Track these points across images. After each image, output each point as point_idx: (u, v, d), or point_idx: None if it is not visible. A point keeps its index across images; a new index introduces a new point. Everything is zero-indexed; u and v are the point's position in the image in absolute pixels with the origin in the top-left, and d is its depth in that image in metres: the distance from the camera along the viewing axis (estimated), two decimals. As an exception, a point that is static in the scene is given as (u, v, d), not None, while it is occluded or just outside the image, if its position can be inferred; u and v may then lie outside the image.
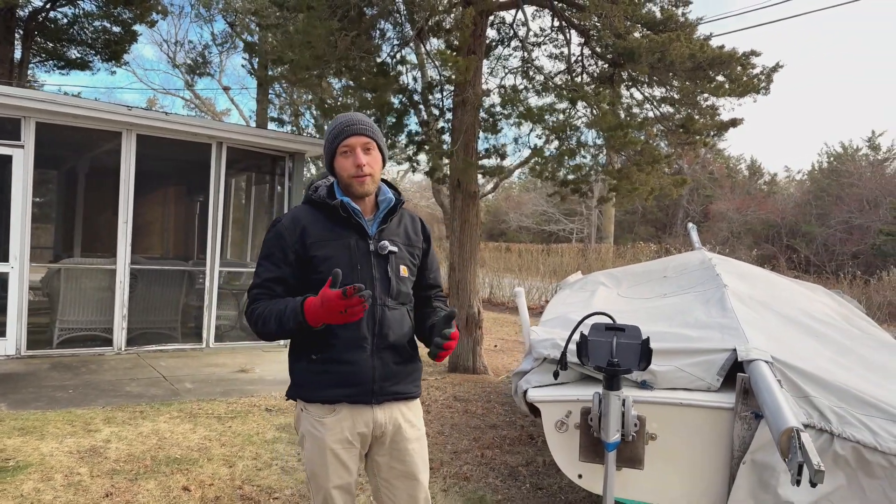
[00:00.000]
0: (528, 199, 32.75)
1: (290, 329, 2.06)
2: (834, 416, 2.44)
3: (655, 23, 7.79)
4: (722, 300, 3.60)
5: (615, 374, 2.28)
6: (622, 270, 5.95)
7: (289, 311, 2.04)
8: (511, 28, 9.06)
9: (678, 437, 2.60)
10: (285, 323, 2.05)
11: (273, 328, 2.10)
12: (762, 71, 7.16)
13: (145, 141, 7.81)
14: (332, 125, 2.27)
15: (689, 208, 32.67)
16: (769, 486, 2.43)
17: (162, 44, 27.48)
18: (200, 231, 9.29)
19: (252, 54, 12.88)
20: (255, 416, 5.56)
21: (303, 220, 2.21)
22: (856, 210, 26.79)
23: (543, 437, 5.28)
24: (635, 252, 16.35)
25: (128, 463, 4.30)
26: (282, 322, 2.06)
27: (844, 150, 31.55)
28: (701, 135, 8.40)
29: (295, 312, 2.02)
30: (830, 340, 3.37)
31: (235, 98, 25.74)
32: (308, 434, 2.20)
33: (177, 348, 8.23)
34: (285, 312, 2.05)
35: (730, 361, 2.69)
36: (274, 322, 2.08)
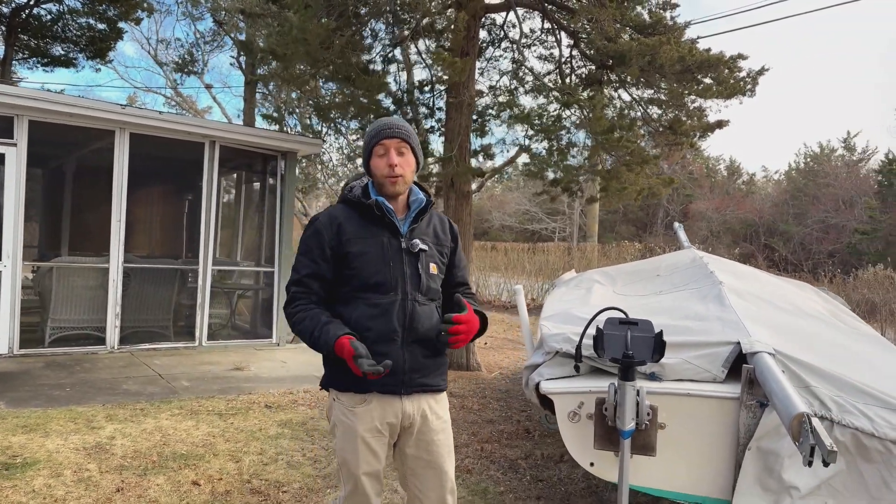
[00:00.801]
0: (511, 199, 32.94)
1: (320, 351, 2.27)
2: (834, 405, 2.58)
3: (644, 26, 7.96)
4: (720, 296, 3.74)
5: (630, 366, 2.39)
6: (615, 269, 6.10)
7: (321, 342, 2.20)
8: (502, 29, 9.19)
9: (686, 426, 2.73)
10: (318, 347, 2.24)
11: (308, 342, 2.27)
12: (748, 74, 7.35)
13: (138, 139, 7.81)
14: (371, 127, 2.39)
15: (669, 208, 33.08)
16: (774, 471, 2.57)
17: (144, 41, 27.27)
18: (192, 230, 9.30)
19: (242, 52, 12.85)
20: (256, 413, 5.61)
21: (339, 217, 2.32)
22: (832, 209, 27.35)
23: (541, 432, 5.43)
24: (620, 251, 16.58)
25: (135, 459, 4.35)
26: (316, 344, 2.24)
27: (821, 150, 32.16)
28: (688, 136, 8.58)
29: (328, 348, 2.19)
30: (823, 334, 3.52)
31: (218, 96, 25.66)
32: (340, 422, 2.30)
33: (170, 347, 8.23)
34: (319, 339, 2.21)
35: (734, 353, 2.82)
36: (308, 339, 2.26)
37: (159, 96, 26.03)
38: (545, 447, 5.07)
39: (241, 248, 10.43)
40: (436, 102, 9.06)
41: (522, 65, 8.70)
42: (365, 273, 2.26)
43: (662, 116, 8.65)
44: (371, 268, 2.26)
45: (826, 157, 31.71)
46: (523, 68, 8.86)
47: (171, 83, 23.07)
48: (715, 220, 30.66)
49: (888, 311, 10.07)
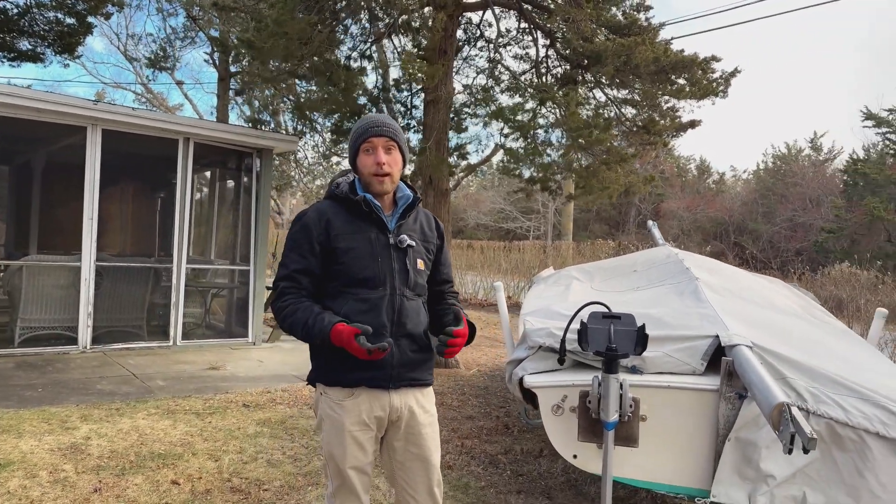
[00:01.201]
0: (485, 197, 33.06)
1: (314, 343, 2.27)
2: (809, 396, 2.65)
3: (619, 27, 8.06)
4: (696, 291, 3.81)
5: (614, 359, 2.44)
6: (592, 265, 6.17)
7: (316, 330, 2.19)
8: (478, 28, 9.23)
9: (667, 417, 2.78)
10: (312, 338, 2.23)
11: (299, 334, 2.26)
12: (721, 75, 7.49)
13: (111, 136, 7.68)
14: (358, 124, 2.39)
15: (641, 207, 33.49)
16: (752, 460, 2.63)
17: (113, 37, 26.80)
18: (166, 228, 9.18)
19: (216, 48, 12.67)
20: (234, 412, 5.57)
21: (327, 213, 2.32)
22: (799, 208, 27.95)
23: (520, 427, 5.48)
24: (595, 249, 16.75)
25: (112, 459, 4.29)
26: (309, 335, 2.23)
27: (788, 150, 32.80)
28: (661, 136, 8.71)
29: (323, 336, 2.18)
30: (796, 328, 3.61)
31: (189, 93, 25.31)
32: (327, 416, 2.31)
33: (143, 346, 8.12)
34: (313, 328, 2.20)
35: (713, 347, 2.89)
36: (301, 330, 2.24)
37: (129, 93, 25.60)
38: (524, 442, 5.11)
39: (216, 246, 10.32)
40: (413, 100, 9.07)
41: (499, 63, 8.75)
42: (353, 269, 2.27)
43: (637, 116, 8.77)
44: (359, 263, 2.27)
45: (793, 157, 32.37)
46: (499, 67, 8.91)
47: (141, 79, 22.75)
48: (686, 219, 31.13)
49: (855, 306, 10.33)
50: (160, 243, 9.84)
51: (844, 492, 2.58)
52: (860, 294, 10.97)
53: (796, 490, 2.62)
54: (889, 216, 23.42)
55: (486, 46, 9.24)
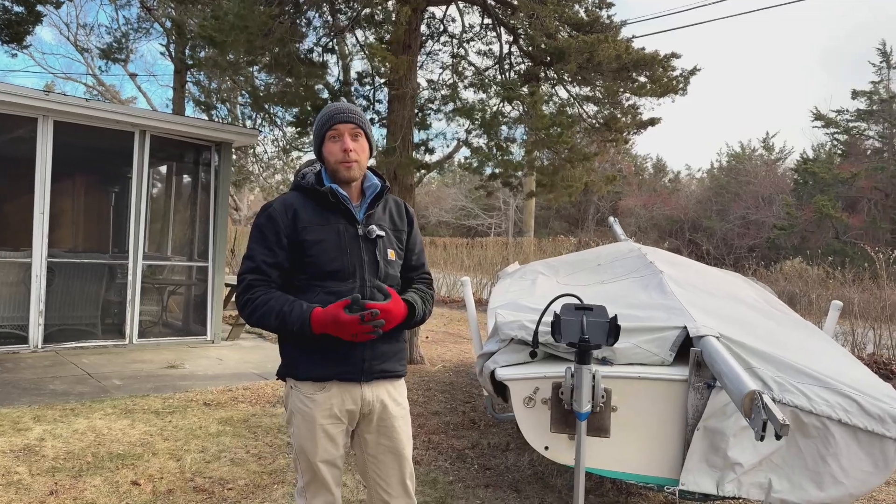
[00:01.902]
0: (447, 195, 33.07)
1: (290, 331, 2.15)
2: (775, 385, 2.71)
3: (581, 24, 8.11)
4: (661, 284, 3.86)
5: (587, 350, 2.44)
6: (557, 260, 6.20)
7: (294, 315, 2.11)
8: (441, 23, 9.19)
9: (637, 408, 2.81)
10: (289, 325, 2.13)
11: (273, 324, 2.16)
12: (681, 73, 7.61)
13: (63, 128, 7.43)
14: (322, 112, 2.33)
15: (599, 205, 33.95)
16: (720, 449, 2.68)
17: (63, 27, 25.95)
18: (121, 223, 8.92)
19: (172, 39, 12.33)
20: (195, 411, 5.44)
21: (294, 204, 2.26)
22: (752, 206, 28.71)
23: (486, 422, 5.48)
24: (556, 245, 16.90)
25: (68, 460, 4.15)
26: (284, 323, 2.13)
27: (742, 149, 33.66)
28: (622, 133, 8.82)
29: (302, 321, 2.10)
30: (758, 319, 3.69)
31: (143, 86, 24.63)
32: (297, 411, 2.25)
33: (98, 345, 7.89)
34: (290, 315, 2.12)
35: (681, 338, 2.93)
36: (275, 319, 2.15)
37: (80, 85, 24.83)
38: (491, 437, 5.12)
39: (173, 242, 10.07)
40: (376, 95, 8.99)
41: (463, 59, 8.73)
42: (322, 261, 2.21)
43: (598, 114, 8.85)
44: (328, 255, 2.21)
45: (746, 157, 33.24)
46: (463, 63, 8.89)
47: (93, 71, 22.05)
48: (643, 217, 31.69)
49: (807, 300, 10.65)
50: (115, 239, 9.56)
51: (808, 477, 2.64)
52: (811, 289, 11.30)
53: (762, 477, 2.68)
54: (837, 214, 24.25)
55: (450, 42, 9.21)
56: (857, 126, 28.74)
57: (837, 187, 25.95)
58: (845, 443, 2.62)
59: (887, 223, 24.90)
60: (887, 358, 8.98)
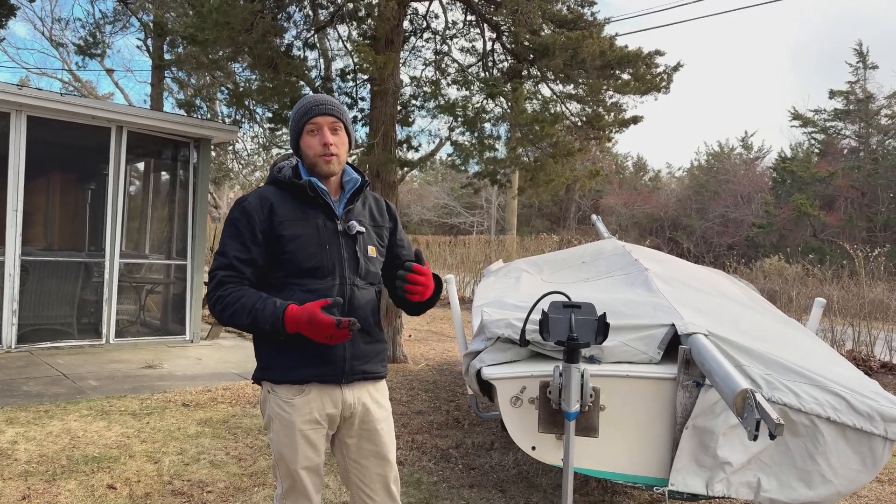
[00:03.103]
0: (430, 193, 33.00)
1: (262, 329, 2.04)
2: (764, 383, 2.68)
3: (565, 21, 8.09)
4: (647, 282, 3.83)
5: (575, 348, 2.40)
6: (541, 258, 6.17)
7: (267, 313, 2.01)
8: (424, 19, 9.12)
9: (625, 407, 2.77)
10: (261, 323, 2.02)
11: (244, 322, 2.05)
12: (664, 70, 7.61)
13: (37, 123, 7.26)
14: (300, 104, 2.24)
15: (581, 203, 34.09)
16: (709, 448, 2.65)
17: (37, 21, 25.48)
18: (97, 221, 8.75)
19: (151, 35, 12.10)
20: (173, 412, 5.34)
21: (270, 198, 2.17)
22: (731, 205, 28.97)
23: (471, 421, 5.43)
24: (539, 243, 16.90)
25: (41, 464, 4.03)
26: (256, 321, 2.02)
27: (721, 149, 33.96)
28: (605, 131, 8.81)
29: (275, 318, 2.00)
30: (745, 316, 3.68)
31: (120, 82, 24.24)
32: (276, 416, 2.17)
33: (74, 345, 7.72)
34: (263, 312, 2.01)
35: (669, 335, 2.89)
36: (247, 317, 2.04)
37: (55, 80, 24.35)
38: (475, 436, 5.07)
39: (151, 240, 9.90)
40: (359, 91, 8.90)
41: (446, 55, 8.67)
42: (299, 257, 2.12)
43: (582, 111, 8.83)
44: (306, 251, 2.13)
45: (726, 156, 33.54)
46: (447, 59, 8.83)
47: (68, 66, 21.67)
48: (623, 215, 31.87)
49: (787, 298, 10.74)
50: (91, 237, 9.37)
51: (797, 476, 2.62)
52: (791, 286, 11.40)
53: (751, 476, 2.65)
54: (814, 212, 24.54)
55: (433, 38, 9.14)
56: (834, 125, 29.14)
57: (815, 186, 26.28)
58: (834, 441, 2.60)
59: (863, 221, 25.28)
60: (866, 354, 9.08)
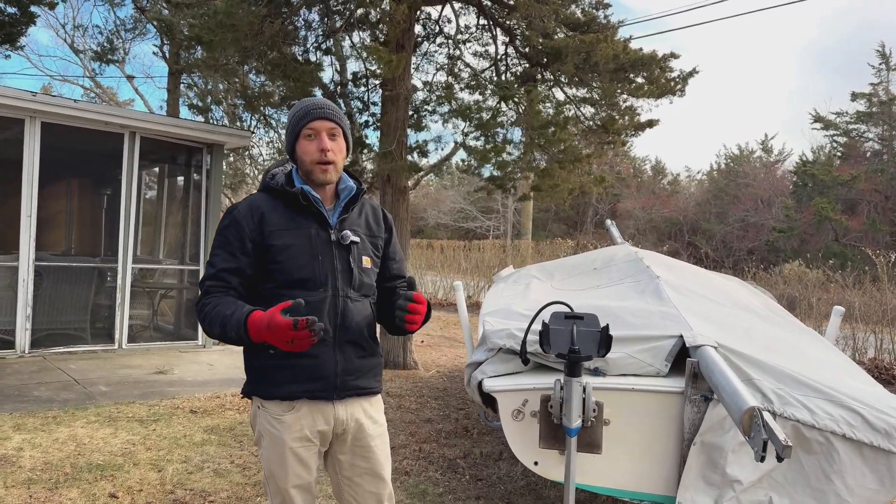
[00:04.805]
0: (445, 197, 32.94)
1: (231, 338, 1.96)
2: (775, 397, 2.58)
3: (578, 24, 8.00)
4: (657, 290, 3.73)
5: (577, 361, 2.31)
6: (552, 264, 6.08)
7: (234, 320, 1.92)
8: (437, 24, 9.08)
9: (631, 421, 2.68)
10: (228, 331, 1.94)
11: (217, 332, 1.99)
12: (679, 74, 7.49)
13: (51, 129, 7.31)
14: (297, 107, 2.17)
15: (598, 207, 33.83)
16: (718, 465, 2.55)
17: (59, 28, 25.80)
18: (111, 226, 8.80)
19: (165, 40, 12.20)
20: (180, 419, 5.31)
21: (261, 206, 2.10)
22: (751, 209, 28.57)
23: (480, 430, 5.35)
24: (553, 248, 16.76)
25: (45, 472, 4.02)
26: (225, 329, 1.95)
27: (740, 152, 33.55)
28: (620, 135, 8.70)
29: (238, 325, 1.91)
30: (758, 326, 3.56)
31: (140, 88, 24.48)
32: (266, 433, 2.11)
33: (87, 350, 7.75)
34: (230, 320, 1.93)
35: (677, 347, 2.80)
36: (218, 327, 1.97)
37: (77, 87, 24.64)
38: (484, 445, 4.99)
39: (164, 245, 9.95)
40: (370, 97, 8.87)
41: (459, 60, 8.62)
42: (290, 268, 2.06)
43: (595, 115, 8.73)
44: (297, 262, 2.06)
45: (745, 159, 33.12)
46: (459, 64, 8.78)
47: (89, 73, 21.92)
48: (641, 219, 31.57)
49: (807, 304, 10.52)
50: (105, 242, 9.43)
51: (811, 495, 2.51)
52: (811, 292, 11.18)
53: (762, 495, 2.55)
54: (836, 216, 24.13)
55: (446, 43, 9.10)
56: (856, 128, 28.65)
57: (837, 189, 25.84)
58: (850, 459, 2.49)
59: (887, 226, 24.79)
60: (888, 363, 8.86)
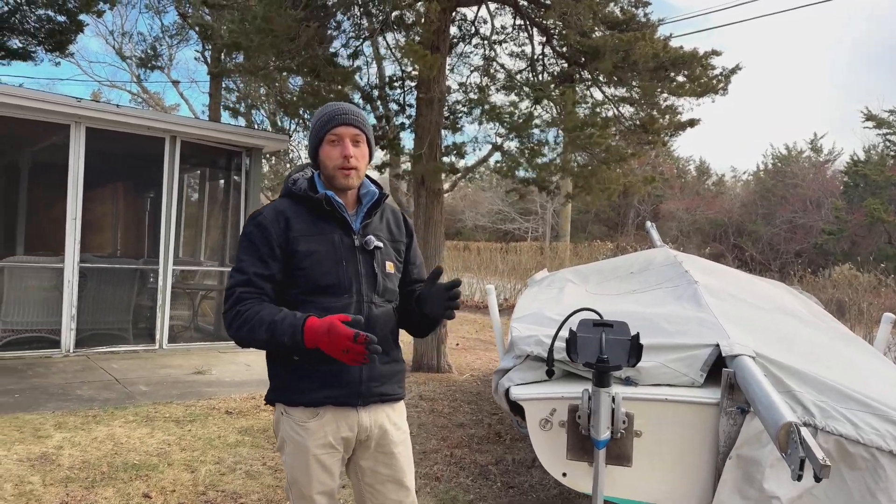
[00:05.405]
0: (483, 198, 32.84)
1: (281, 343, 1.93)
2: (817, 410, 2.46)
3: (617, 23, 7.85)
4: (695, 296, 3.62)
5: (605, 371, 2.24)
6: (588, 267, 5.97)
7: (286, 325, 1.91)
8: (472, 25, 9.03)
9: (663, 433, 2.59)
10: (278, 336, 1.91)
11: (262, 336, 1.94)
12: (721, 72, 7.29)
13: (95, 134, 7.50)
14: (322, 112, 2.16)
15: (640, 208, 33.27)
16: (755, 480, 2.44)
17: (108, 35, 26.56)
18: (153, 228, 8.99)
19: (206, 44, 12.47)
20: (216, 419, 5.37)
21: (286, 212, 2.10)
22: (799, 210, 27.73)
23: (512, 436, 5.27)
24: (592, 250, 16.54)
25: (82, 470, 4.09)
26: (274, 334, 1.92)
27: (788, 151, 32.62)
28: (660, 134, 8.51)
29: (294, 329, 1.90)
30: (802, 334, 3.42)
31: (185, 92, 24.99)
32: (290, 439, 2.09)
33: (128, 350, 7.93)
34: (281, 324, 1.91)
35: (713, 357, 2.69)
36: (265, 331, 1.93)
37: (125, 92, 25.30)
38: (517, 452, 4.92)
39: (205, 247, 10.12)
40: (406, 98, 8.87)
41: (494, 61, 8.55)
42: (314, 274, 2.04)
43: (635, 115, 8.56)
44: (321, 268, 2.04)
45: (793, 159, 32.17)
46: (494, 65, 8.71)
47: (136, 78, 22.50)
48: (685, 221, 30.94)
49: (857, 309, 10.14)
50: (147, 244, 9.65)
51: (855, 515, 2.38)
52: (862, 297, 10.77)
53: (803, 512, 2.43)
54: (889, 218, 23.24)
55: (481, 44, 9.04)
56: (911, 126, 27.54)
57: (890, 190, 24.86)
58: (897, 476, 2.35)
59: (944, 227, 23.78)
60: (945, 371, 8.47)
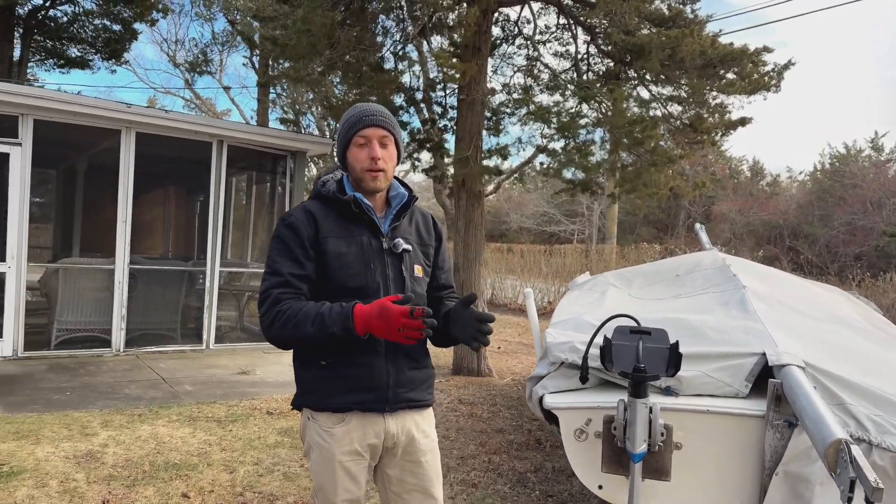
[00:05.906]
0: (528, 200, 32.57)
1: (331, 334, 1.88)
2: (872, 425, 2.31)
3: (663, 20, 7.67)
4: (743, 301, 3.46)
5: (642, 381, 2.14)
6: (631, 270, 5.81)
7: (335, 314, 1.88)
8: (516, 25, 8.94)
9: (705, 446, 2.47)
10: (329, 326, 1.87)
11: (309, 331, 1.89)
12: (773, 68, 7.03)
13: (145, 139, 7.69)
14: (350, 113, 2.13)
15: (691, 209, 32.50)
16: (803, 497, 2.30)
17: (162, 43, 27.35)
18: (201, 231, 9.18)
19: (254, 51, 12.71)
20: (257, 420, 5.42)
21: (315, 213, 2.07)
22: (859, 211, 26.64)
23: (552, 442, 5.16)
24: (639, 253, 16.19)
25: (125, 468, 4.17)
26: (324, 324, 1.88)
27: (847, 150, 31.43)
28: (709, 134, 8.27)
29: (345, 317, 1.86)
30: (857, 343, 3.24)
31: (236, 98, 25.54)
32: (316, 445, 2.06)
33: (176, 349, 8.10)
34: (330, 314, 1.88)
35: (759, 366, 2.56)
36: (311, 325, 1.89)
37: (178, 99, 26.00)
38: (557, 459, 4.81)
39: (253, 249, 10.29)
40: (449, 101, 8.84)
41: (538, 61, 8.44)
42: (342, 276, 2.01)
43: (683, 114, 8.34)
44: (350, 270, 2.01)
45: (852, 158, 30.97)
46: (538, 65, 8.60)
47: (189, 85, 23.11)
48: (738, 222, 30.08)
49: (921, 316, 9.64)
50: (194, 246, 9.86)
51: (914, 538, 2.22)
52: (927, 302, 10.24)
53: (856, 534, 2.27)
54: (957, 219, 22.12)
55: (525, 44, 8.94)
56: (981, 123, 26.17)
57: (957, 190, 23.70)
58: (961, 498, 2.19)
59: None
60: None
